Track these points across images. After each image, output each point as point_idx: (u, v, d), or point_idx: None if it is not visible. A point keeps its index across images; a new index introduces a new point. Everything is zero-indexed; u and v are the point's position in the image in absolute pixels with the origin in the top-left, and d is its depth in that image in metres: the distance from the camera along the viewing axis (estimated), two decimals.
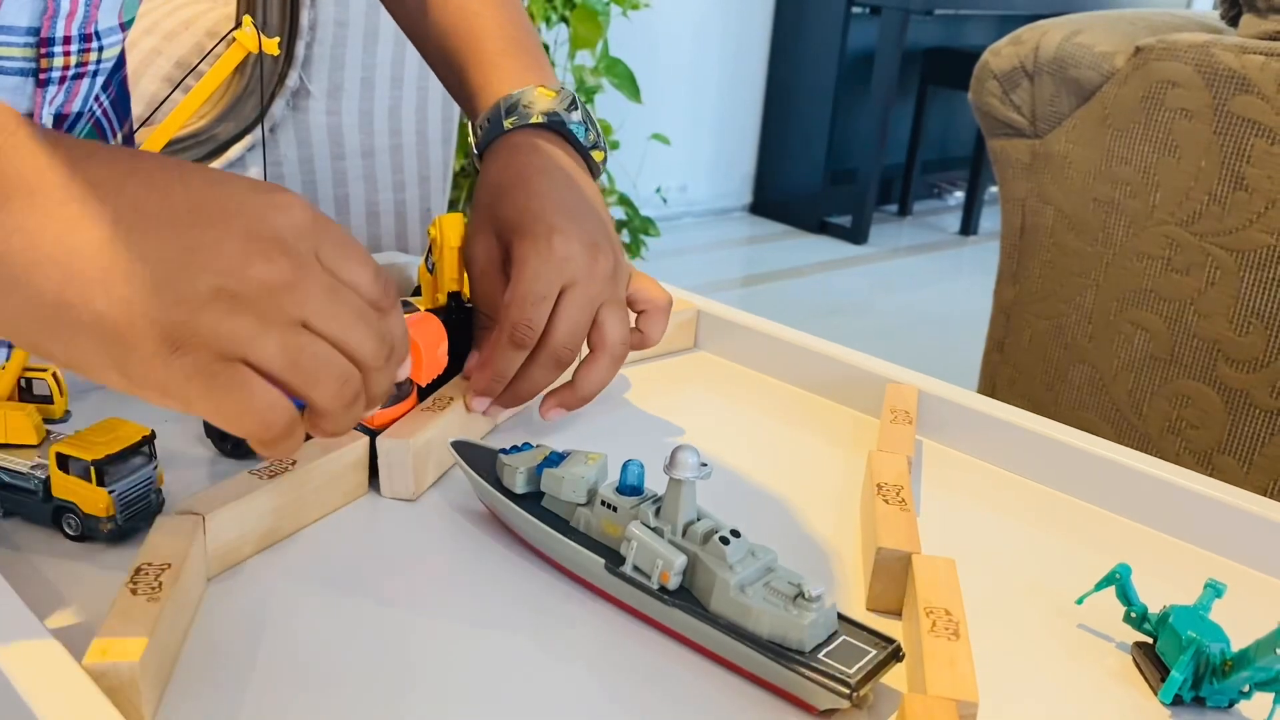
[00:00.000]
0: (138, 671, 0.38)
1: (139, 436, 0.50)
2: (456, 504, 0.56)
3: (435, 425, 0.57)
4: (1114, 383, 1.27)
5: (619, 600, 0.47)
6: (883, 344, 2.44)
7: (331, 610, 0.47)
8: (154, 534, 0.45)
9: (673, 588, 0.45)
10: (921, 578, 0.47)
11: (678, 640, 0.46)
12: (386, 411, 0.57)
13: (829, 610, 0.43)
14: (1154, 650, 0.47)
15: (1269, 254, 1.07)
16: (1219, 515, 0.57)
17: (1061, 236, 1.34)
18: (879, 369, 0.70)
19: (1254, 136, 1.06)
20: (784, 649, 0.42)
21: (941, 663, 0.41)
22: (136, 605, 0.40)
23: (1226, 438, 1.14)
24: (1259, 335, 1.09)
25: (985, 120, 1.43)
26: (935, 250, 3.45)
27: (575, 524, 0.49)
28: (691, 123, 3.51)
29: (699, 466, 0.44)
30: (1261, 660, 0.41)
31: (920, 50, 3.55)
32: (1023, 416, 0.65)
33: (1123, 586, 0.48)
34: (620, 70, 2.66)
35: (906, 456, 0.58)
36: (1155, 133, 1.18)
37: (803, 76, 3.53)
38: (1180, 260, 1.16)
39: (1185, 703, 0.45)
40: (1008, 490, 0.63)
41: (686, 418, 0.69)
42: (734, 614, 0.43)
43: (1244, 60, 1.07)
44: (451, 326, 0.65)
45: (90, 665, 0.37)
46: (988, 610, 0.50)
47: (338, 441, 0.54)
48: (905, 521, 0.51)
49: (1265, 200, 1.06)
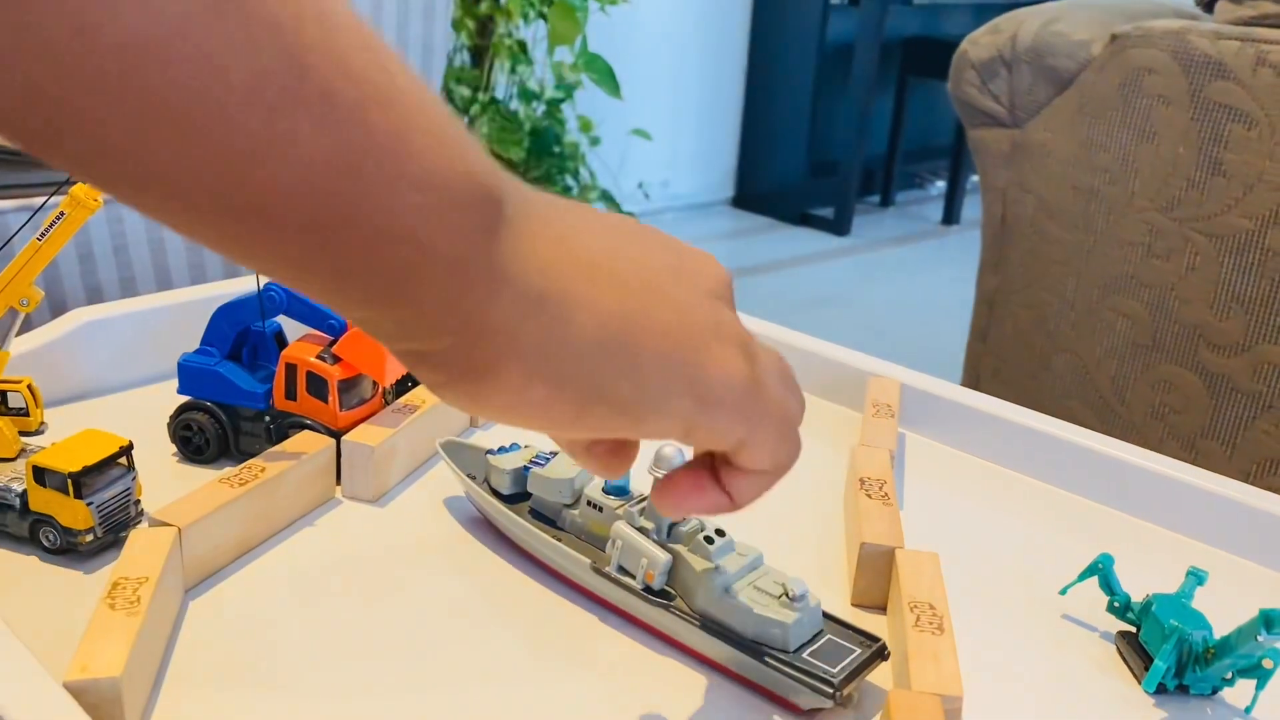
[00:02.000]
0: (120, 686, 0.37)
1: (117, 447, 0.50)
2: (437, 504, 0.56)
3: (399, 428, 0.57)
4: (1097, 370, 1.28)
5: (605, 600, 0.47)
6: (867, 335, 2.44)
7: (311, 617, 0.46)
8: (130, 547, 0.44)
9: (657, 587, 0.44)
10: (905, 572, 0.47)
11: (663, 640, 0.46)
12: (351, 413, 0.57)
13: (814, 609, 0.43)
14: (1137, 639, 0.47)
15: (1248, 238, 1.07)
16: (1200, 502, 0.57)
17: (1042, 225, 1.34)
18: (861, 363, 0.70)
19: (1231, 122, 1.07)
20: (768, 648, 0.42)
21: (926, 658, 0.41)
22: (115, 620, 0.40)
23: (1210, 422, 1.15)
24: (1239, 319, 1.10)
25: (964, 110, 1.43)
26: (918, 240, 3.45)
27: (562, 524, 0.49)
28: (672, 117, 3.51)
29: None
30: (1243, 648, 0.42)
31: (899, 40, 3.55)
32: (1004, 408, 0.65)
33: (1105, 576, 0.48)
34: (599, 66, 2.65)
35: (889, 450, 0.58)
36: (1133, 120, 1.18)
37: (783, 68, 3.53)
38: (1160, 246, 1.16)
39: (1169, 691, 0.45)
40: (991, 482, 0.63)
41: None
42: (718, 613, 0.43)
43: (1220, 46, 1.07)
44: None
45: (71, 682, 0.37)
46: (972, 603, 0.50)
47: (306, 446, 0.54)
48: (888, 516, 0.51)
49: (1243, 185, 1.07)
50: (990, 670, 0.46)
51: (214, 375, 0.58)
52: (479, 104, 2.49)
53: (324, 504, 0.55)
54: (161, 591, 0.43)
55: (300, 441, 0.55)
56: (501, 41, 2.52)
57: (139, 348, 0.67)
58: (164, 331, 0.67)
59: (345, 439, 0.55)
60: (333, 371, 0.56)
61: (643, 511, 0.46)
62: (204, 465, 0.58)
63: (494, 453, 0.53)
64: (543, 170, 2.61)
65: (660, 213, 3.56)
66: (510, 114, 2.56)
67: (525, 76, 2.61)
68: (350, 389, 0.57)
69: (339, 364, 0.57)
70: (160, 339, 0.66)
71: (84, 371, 0.65)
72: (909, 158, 3.88)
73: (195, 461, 0.58)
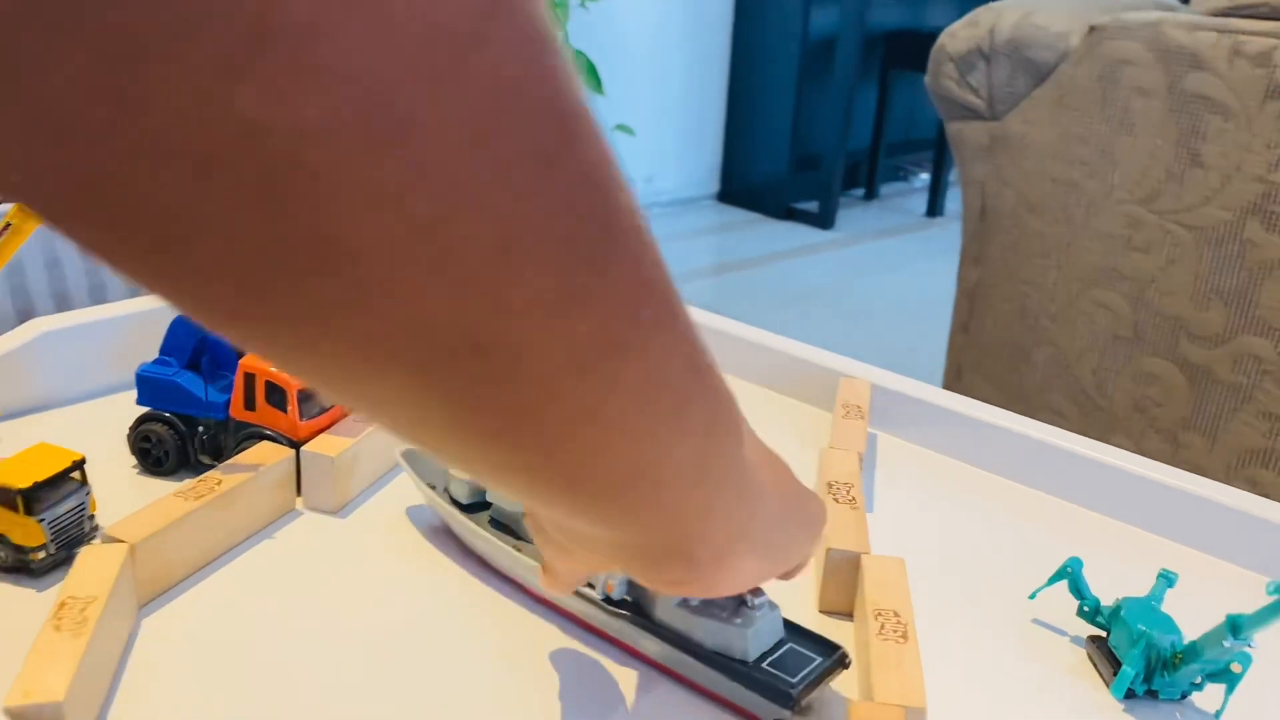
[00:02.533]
0: (63, 711, 0.36)
1: (70, 461, 0.49)
2: (399, 514, 0.55)
3: (360, 438, 0.56)
4: (1078, 363, 1.27)
5: (566, 611, 0.47)
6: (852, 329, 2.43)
7: (269, 631, 0.46)
8: (78, 566, 0.43)
9: (617, 598, 0.44)
10: (870, 579, 0.46)
11: (625, 650, 0.45)
12: (311, 422, 0.56)
13: (773, 618, 0.42)
14: (1107, 644, 0.46)
15: (1227, 230, 1.07)
16: (1173, 502, 0.57)
17: (1022, 218, 1.33)
18: (832, 363, 0.69)
19: (1208, 113, 1.06)
20: (726, 659, 0.41)
21: (889, 667, 0.40)
22: (60, 641, 0.39)
23: (1191, 414, 1.14)
24: (1219, 311, 1.09)
25: (943, 103, 1.42)
26: (902, 233, 3.45)
27: (522, 534, 0.48)
28: (656, 113, 3.50)
29: None
30: (1210, 653, 0.41)
31: (882, 33, 3.54)
32: (976, 407, 0.64)
33: (1074, 580, 0.47)
34: (581, 61, 2.64)
35: (858, 453, 0.57)
36: (1112, 112, 1.17)
37: (766, 62, 3.52)
38: (1140, 239, 1.16)
39: (1139, 696, 0.44)
40: (962, 482, 0.62)
41: None
42: (677, 624, 0.42)
43: (1196, 37, 1.06)
44: None
45: (12, 707, 0.36)
46: (940, 609, 0.50)
47: (265, 457, 0.53)
48: (855, 521, 0.50)
49: (1221, 177, 1.06)
50: (957, 678, 0.45)
51: (172, 385, 0.57)
52: None
53: (284, 516, 0.54)
54: (111, 611, 0.42)
55: (259, 452, 0.54)
56: None
57: (98, 358, 0.65)
58: (125, 341, 0.66)
59: (305, 449, 0.54)
60: (292, 381, 0.55)
61: None
62: (164, 477, 0.57)
63: None
64: None
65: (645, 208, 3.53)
66: None
67: None
68: (310, 398, 0.56)
69: None
70: (121, 348, 0.65)
71: (42, 383, 0.63)
72: (893, 151, 3.88)
73: (155, 474, 0.57)
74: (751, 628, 0.41)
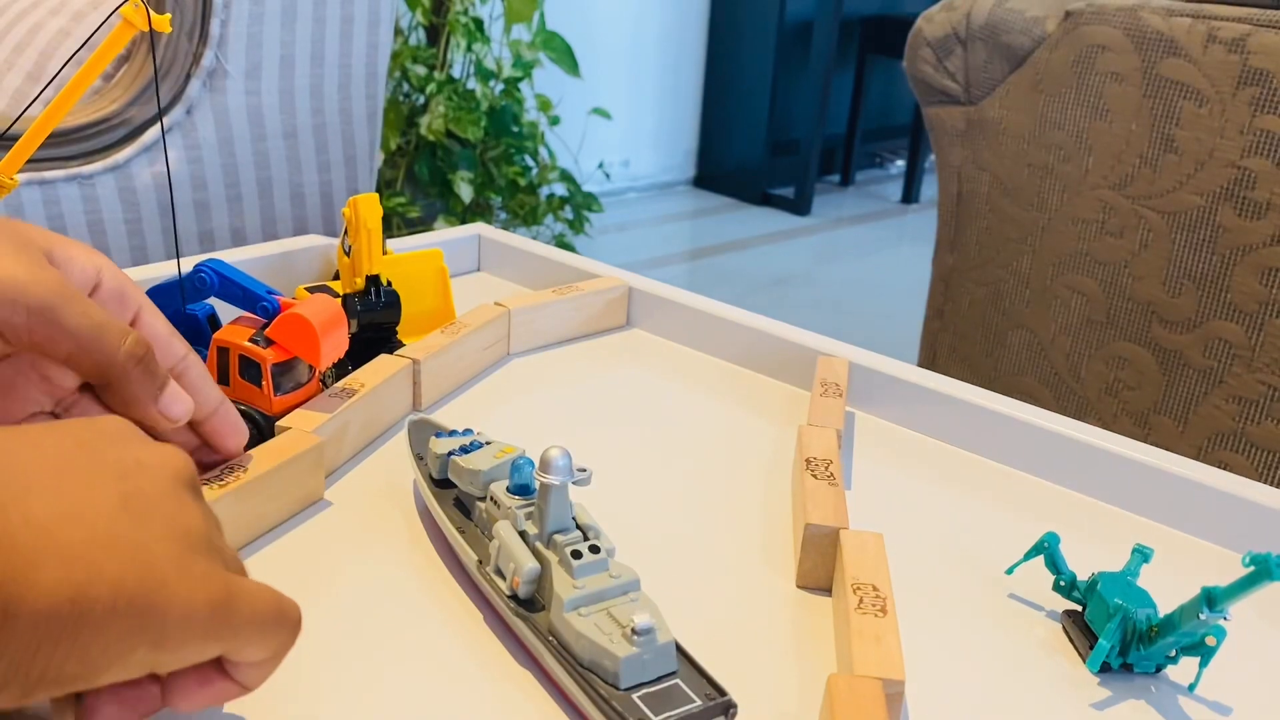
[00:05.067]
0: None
1: None
2: (377, 490, 0.55)
3: (335, 413, 0.55)
4: (1052, 347, 1.28)
5: (489, 599, 0.45)
6: (827, 314, 2.44)
7: None
8: None
9: (523, 595, 0.42)
10: (849, 553, 0.46)
11: (524, 651, 0.43)
12: (286, 397, 0.56)
13: (662, 648, 0.39)
14: (1083, 618, 0.47)
15: (1199, 215, 1.08)
16: (1149, 479, 0.57)
17: (998, 203, 1.34)
18: (811, 342, 0.69)
19: (1182, 99, 1.07)
20: (598, 680, 0.38)
21: (868, 640, 0.40)
22: None
23: (1162, 398, 1.15)
24: (1190, 296, 1.10)
25: (920, 88, 1.42)
26: (878, 219, 3.46)
27: (474, 518, 0.48)
28: (632, 96, 3.49)
29: (572, 470, 0.41)
30: (1185, 626, 0.41)
31: (859, 18, 3.55)
32: (953, 386, 0.64)
33: (1051, 555, 0.48)
34: (558, 44, 2.63)
35: (836, 430, 0.57)
36: (1087, 97, 1.18)
37: (743, 47, 3.51)
38: (1114, 224, 1.17)
39: (1114, 670, 0.45)
40: (939, 460, 0.62)
41: (618, 395, 0.68)
42: (563, 634, 0.40)
43: (1171, 23, 1.07)
44: (370, 310, 0.64)
45: None
46: (918, 583, 0.50)
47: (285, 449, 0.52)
48: (833, 496, 0.50)
49: (1194, 162, 1.07)
50: (934, 652, 0.45)
51: None
52: (435, 83, 2.46)
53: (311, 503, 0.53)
54: None
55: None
56: (457, 19, 2.49)
57: None
58: None
59: (279, 425, 0.54)
60: (266, 355, 0.54)
61: (530, 515, 0.44)
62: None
63: (441, 435, 0.51)
64: (501, 150, 2.58)
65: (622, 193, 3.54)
66: (467, 93, 2.53)
67: (482, 55, 2.57)
68: (285, 372, 0.56)
69: (273, 347, 0.55)
70: None
71: None
72: (869, 137, 3.89)
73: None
74: (628, 653, 0.38)
